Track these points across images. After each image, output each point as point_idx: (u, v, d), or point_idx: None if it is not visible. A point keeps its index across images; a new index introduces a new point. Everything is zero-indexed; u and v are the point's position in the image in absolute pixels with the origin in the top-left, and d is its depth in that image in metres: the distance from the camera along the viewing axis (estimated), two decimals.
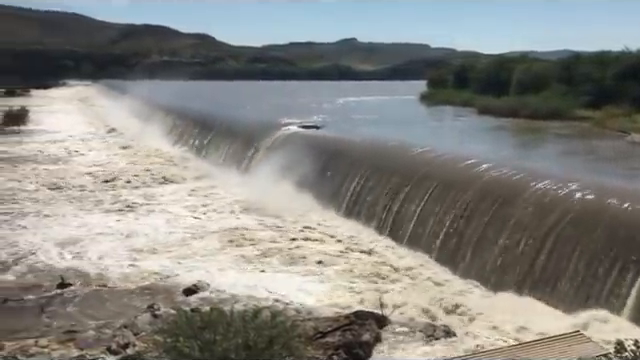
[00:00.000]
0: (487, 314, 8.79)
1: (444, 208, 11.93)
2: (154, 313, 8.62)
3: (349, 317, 8.03)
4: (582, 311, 8.38)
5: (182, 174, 21.19)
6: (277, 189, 16.56)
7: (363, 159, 16.04)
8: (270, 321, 5.74)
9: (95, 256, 11.77)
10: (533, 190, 10.70)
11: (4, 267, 10.99)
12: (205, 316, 5.75)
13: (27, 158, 24.87)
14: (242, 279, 10.50)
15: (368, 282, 10.41)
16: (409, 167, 14.06)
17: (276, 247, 12.46)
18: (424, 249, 11.77)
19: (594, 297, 8.58)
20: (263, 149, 20.87)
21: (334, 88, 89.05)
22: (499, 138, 24.63)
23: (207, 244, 12.71)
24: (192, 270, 10.96)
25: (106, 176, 20.62)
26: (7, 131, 34.04)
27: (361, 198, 14.70)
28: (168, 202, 16.96)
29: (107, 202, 16.89)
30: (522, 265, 9.77)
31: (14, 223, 14.24)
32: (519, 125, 28.50)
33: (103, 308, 9.09)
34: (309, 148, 18.54)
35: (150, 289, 10.00)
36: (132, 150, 27.60)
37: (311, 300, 9.48)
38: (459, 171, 12.79)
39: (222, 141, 24.39)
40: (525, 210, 10.34)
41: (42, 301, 9.30)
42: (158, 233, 13.52)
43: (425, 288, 10.09)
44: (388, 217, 13.36)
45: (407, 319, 8.57)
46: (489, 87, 40.20)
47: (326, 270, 11.05)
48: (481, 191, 11.53)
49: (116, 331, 7.97)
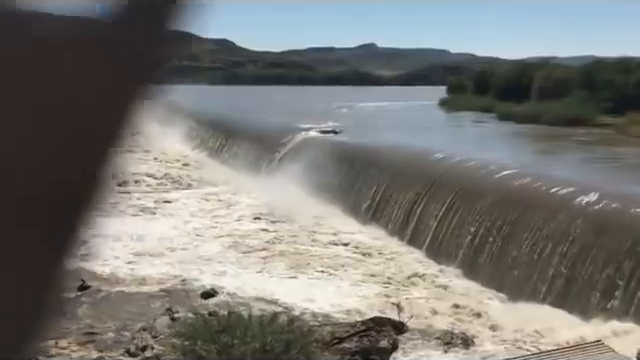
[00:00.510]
0: (506, 322, 8.69)
1: (464, 215, 11.80)
2: (172, 316, 8.67)
3: (366, 323, 8.00)
4: (604, 321, 8.26)
5: (200, 178, 21.30)
6: (295, 194, 16.56)
7: (383, 164, 15.97)
8: (287, 326, 5.75)
9: (114, 259, 11.86)
10: (554, 197, 10.55)
11: None
12: (223, 320, 5.79)
13: None
14: (257, 282, 10.52)
15: (386, 288, 10.36)
16: (430, 173, 13.93)
17: (294, 251, 12.46)
18: (444, 256, 11.68)
19: (616, 306, 8.45)
20: (281, 154, 20.91)
21: (352, 93, 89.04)
22: (520, 145, 24.39)
23: (225, 248, 12.75)
24: (210, 274, 10.99)
25: (124, 179, 20.78)
26: None
27: (381, 204, 14.59)
28: (186, 206, 17.05)
29: (124, 205, 17.01)
30: (543, 273, 9.64)
31: None
32: (540, 131, 28.22)
33: (122, 311, 9.16)
34: (328, 153, 18.54)
35: (168, 292, 10.06)
36: (151, 154, 27.79)
37: (328, 305, 9.45)
38: (480, 178, 12.65)
39: (241, 145, 24.48)
40: (547, 218, 10.20)
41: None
42: (178, 237, 13.60)
43: (443, 295, 10.02)
44: (408, 223, 13.26)
45: (425, 326, 8.52)
46: (509, 93, 39.84)
47: (344, 275, 11.02)
48: (503, 198, 11.37)
49: (135, 334, 8.03)
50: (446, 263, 11.55)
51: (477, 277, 10.72)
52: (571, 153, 21.38)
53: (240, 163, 23.11)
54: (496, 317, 8.93)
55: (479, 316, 8.98)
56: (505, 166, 12.89)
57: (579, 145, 23.00)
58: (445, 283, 10.64)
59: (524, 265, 10.03)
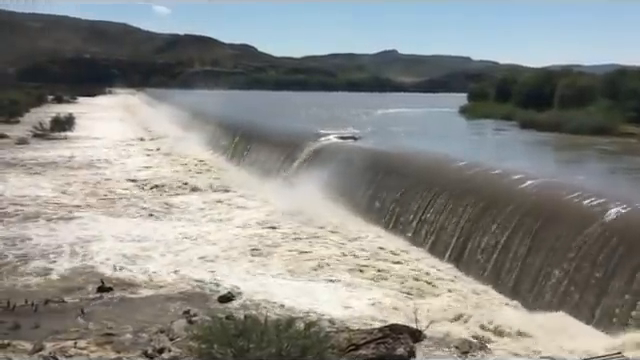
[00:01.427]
0: (525, 332, 8.58)
1: (488, 224, 11.67)
2: (190, 319, 8.71)
3: (383, 330, 7.94)
4: (623, 332, 8.13)
5: (219, 182, 21.45)
6: (314, 199, 16.60)
7: (403, 171, 15.92)
8: (304, 331, 5.74)
9: (134, 261, 11.97)
10: (580, 208, 10.36)
11: (45, 269, 11.28)
12: (239, 324, 5.80)
13: (69, 162, 25.55)
14: (275, 286, 10.53)
15: (404, 295, 10.30)
16: (452, 181, 13.81)
17: (313, 257, 12.44)
18: (466, 264, 11.57)
19: (637, 318, 8.31)
20: (300, 159, 20.98)
21: (373, 99, 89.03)
22: (543, 153, 24.16)
23: (242, 252, 12.78)
24: (228, 278, 11.03)
25: (147, 183, 21.01)
26: (54, 136, 35.15)
27: (402, 211, 14.49)
28: (205, 210, 17.16)
29: (147, 208, 17.20)
30: (563, 284, 9.51)
31: (59, 225, 14.62)
32: (563, 140, 27.93)
33: (140, 312, 9.23)
34: (347, 159, 18.55)
35: (187, 295, 10.12)
36: (172, 157, 28.10)
37: (345, 312, 9.42)
38: (503, 187, 12.50)
39: (260, 150, 24.62)
40: (573, 229, 10.02)
41: (82, 303, 9.50)
42: (198, 241, 13.68)
43: (462, 303, 9.92)
44: (428, 231, 13.14)
45: (442, 334, 8.45)
46: (531, 101, 39.52)
47: (360, 281, 10.98)
48: (527, 208, 11.23)
49: (152, 335, 8.08)
50: (466, 271, 11.46)
51: (499, 286, 10.60)
52: (596, 162, 21.11)
53: (258, 168, 23.24)
54: (516, 327, 8.81)
55: (498, 325, 8.87)
56: (529, 175, 12.66)
57: (603, 154, 22.70)
58: (464, 291, 10.55)
59: (549, 276, 9.87)
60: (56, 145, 31.94)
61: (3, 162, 25.19)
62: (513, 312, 9.55)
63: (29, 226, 14.49)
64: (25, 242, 13.06)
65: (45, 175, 22.30)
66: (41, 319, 8.72)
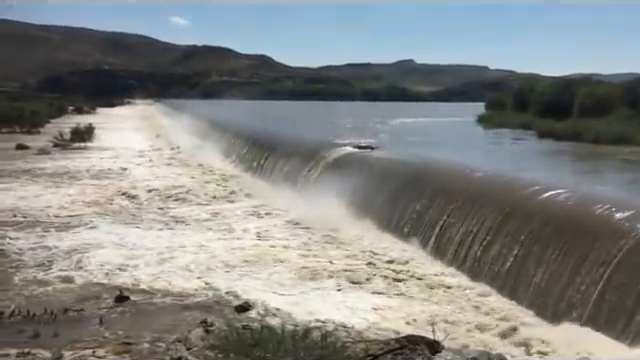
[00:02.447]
0: (545, 344, 8.47)
1: (508, 236, 11.49)
2: (206, 329, 8.72)
3: (400, 341, 7.88)
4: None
5: (237, 191, 21.54)
6: (330, 208, 16.60)
7: (421, 181, 15.82)
8: (320, 341, 5.71)
9: (151, 270, 12.04)
10: (608, 220, 10.16)
11: (64, 277, 11.39)
12: (256, 333, 5.79)
13: (88, 172, 25.84)
14: (293, 297, 10.52)
15: (422, 306, 10.22)
16: (471, 192, 13.65)
17: (331, 269, 12.42)
18: (485, 276, 11.39)
19: None
20: (317, 169, 21.00)
21: (389, 109, 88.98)
22: (564, 163, 23.92)
23: (264, 262, 12.80)
24: (247, 288, 11.04)
25: (165, 192, 21.16)
26: (74, 147, 35.60)
27: (420, 221, 14.31)
28: (224, 219, 17.22)
29: (164, 218, 17.32)
30: (588, 296, 9.30)
31: (79, 234, 14.77)
32: (583, 149, 27.64)
33: (158, 322, 9.27)
34: (364, 169, 18.54)
35: (204, 305, 10.14)
36: (190, 167, 28.30)
37: (362, 322, 9.38)
38: (525, 198, 12.22)
39: (277, 160, 24.69)
40: (598, 241, 9.83)
41: (101, 312, 9.56)
42: (215, 250, 13.72)
43: (481, 315, 9.82)
44: (447, 242, 12.94)
45: (460, 345, 8.37)
46: (549, 110, 39.22)
47: (377, 290, 10.93)
48: (550, 220, 11.01)
49: (169, 345, 8.10)
50: (486, 282, 11.28)
51: (518, 299, 10.41)
52: (618, 172, 20.77)
53: (275, 177, 23.31)
54: (536, 338, 8.70)
55: (518, 338, 8.76)
56: (551, 185, 12.42)
57: (625, 164, 22.37)
58: (484, 304, 10.41)
59: (571, 288, 9.69)
60: (76, 155, 32.34)
61: (23, 171, 25.55)
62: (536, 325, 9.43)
63: (47, 235, 14.65)
64: (45, 250, 13.21)
65: (64, 184, 22.56)
66: (60, 328, 8.79)
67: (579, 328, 8.95)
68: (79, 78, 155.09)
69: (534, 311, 9.88)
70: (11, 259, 12.58)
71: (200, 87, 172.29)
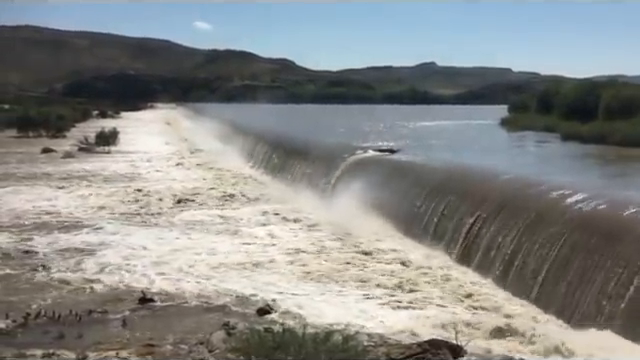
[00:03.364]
0: (568, 349, 8.34)
1: (535, 240, 11.21)
2: (228, 331, 8.75)
3: (422, 345, 7.83)
4: None
5: (259, 195, 21.61)
6: (352, 212, 16.58)
7: (443, 184, 15.67)
8: (342, 344, 5.71)
9: (174, 273, 12.13)
10: None
11: (87, 280, 11.53)
12: (277, 336, 5.80)
13: (113, 176, 26.16)
14: (316, 299, 10.52)
15: (444, 311, 10.14)
16: (497, 196, 13.34)
17: (351, 268, 12.41)
18: (512, 283, 11.12)
19: None
20: (338, 172, 21.00)
21: (411, 112, 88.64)
22: (591, 166, 23.48)
23: (285, 265, 12.83)
24: (267, 291, 11.06)
25: (186, 195, 21.31)
26: (98, 150, 36.09)
27: (443, 225, 14.07)
28: (245, 222, 17.29)
29: (185, 220, 17.43)
30: (614, 301, 9.11)
31: (100, 238, 14.94)
32: (609, 152, 27.14)
33: (180, 324, 9.33)
34: (384, 172, 18.47)
35: (225, 307, 10.19)
36: (212, 171, 28.47)
37: (383, 326, 9.33)
38: (552, 202, 11.79)
39: (298, 163, 24.74)
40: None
41: (125, 314, 9.66)
42: (237, 253, 13.77)
43: (505, 320, 9.68)
44: (473, 248, 12.66)
45: (483, 350, 8.28)
46: (574, 112, 38.71)
47: (400, 295, 10.88)
48: (578, 224, 10.69)
49: (192, 347, 8.15)
50: (513, 291, 10.99)
51: (545, 305, 10.21)
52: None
53: (297, 181, 23.35)
54: (559, 342, 8.57)
55: (537, 340, 8.64)
56: (578, 189, 12.05)
57: None
58: (509, 310, 10.25)
59: (597, 293, 9.49)
60: (100, 159, 32.78)
61: (48, 174, 25.98)
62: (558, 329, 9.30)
63: (65, 235, 14.86)
64: (70, 251, 13.40)
65: (89, 187, 22.84)
66: (84, 329, 8.91)
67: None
68: (104, 83, 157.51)
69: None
70: (37, 261, 12.77)
71: (222, 91, 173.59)
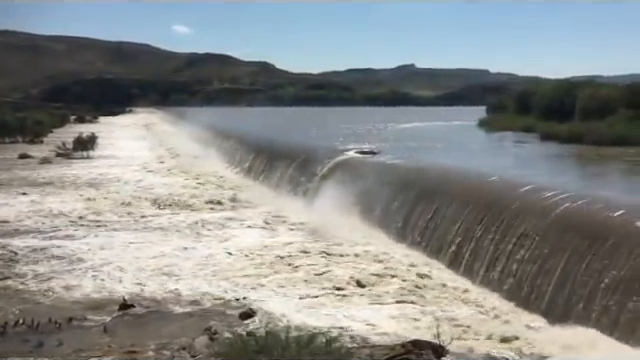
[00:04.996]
0: (551, 348, 8.42)
1: (522, 242, 11.20)
2: (211, 336, 8.70)
3: (405, 346, 7.86)
4: None
5: (239, 198, 21.49)
6: (334, 214, 16.57)
7: (426, 186, 15.76)
8: (325, 347, 5.70)
9: (154, 278, 12.02)
10: None
11: (68, 286, 11.38)
12: (260, 340, 5.78)
13: (91, 181, 25.86)
14: (296, 303, 10.49)
15: (428, 313, 10.18)
16: (484, 197, 13.38)
17: (337, 277, 12.40)
18: (493, 283, 11.23)
19: None
20: (320, 175, 21.00)
21: (391, 114, 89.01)
22: (572, 167, 23.70)
23: (267, 269, 12.78)
24: (250, 295, 11.02)
25: (167, 200, 21.14)
26: (76, 156, 35.67)
27: (429, 227, 14.09)
28: (229, 226, 17.21)
29: (165, 225, 17.30)
30: (597, 300, 9.19)
31: (82, 243, 14.76)
32: (588, 152, 27.42)
33: (162, 330, 9.25)
34: (367, 174, 18.51)
35: (208, 312, 10.13)
36: (191, 175, 28.25)
37: (367, 327, 9.35)
38: (540, 203, 11.76)
39: (279, 166, 24.68)
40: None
41: (105, 321, 9.55)
42: (219, 257, 13.70)
43: (487, 321, 9.75)
44: (459, 250, 12.63)
45: (466, 350, 8.33)
46: (552, 113, 39.15)
47: (382, 297, 10.91)
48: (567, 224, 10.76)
49: (174, 352, 8.09)
50: (498, 291, 11.07)
51: (530, 307, 10.28)
52: (628, 175, 20.33)
53: (278, 184, 23.30)
54: (542, 341, 8.66)
55: (520, 339, 8.73)
56: (564, 190, 12.11)
57: (634, 166, 22.00)
58: (494, 311, 10.26)
59: (586, 293, 9.54)
60: (79, 164, 32.39)
61: (27, 181, 25.60)
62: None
63: (43, 242, 14.66)
64: (50, 260, 13.21)
65: (66, 193, 22.56)
66: (64, 337, 8.79)
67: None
68: (82, 87, 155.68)
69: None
70: (17, 269, 12.57)
71: (201, 94, 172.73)
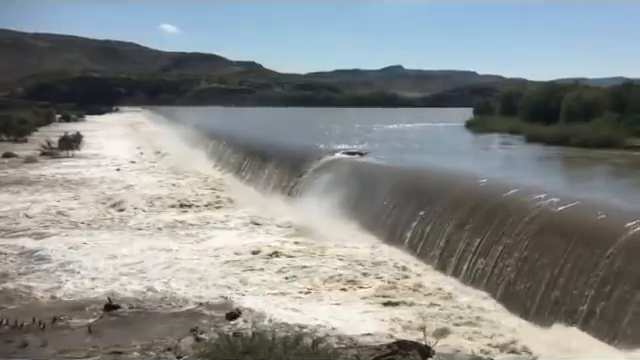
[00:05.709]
0: (541, 350, 8.48)
1: (510, 242, 11.29)
2: (197, 336, 8.66)
3: (392, 346, 7.87)
4: None
5: (227, 198, 21.42)
6: (321, 215, 16.58)
7: (412, 186, 15.80)
8: (311, 348, 5.70)
9: (139, 278, 11.96)
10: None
11: (52, 287, 11.28)
12: (247, 341, 5.76)
13: (77, 180, 25.65)
14: (281, 302, 10.48)
15: (415, 313, 10.21)
16: (471, 199, 13.38)
17: (324, 275, 12.40)
18: (484, 284, 11.25)
19: None
20: (306, 175, 21.00)
21: (379, 115, 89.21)
22: (559, 169, 23.86)
23: (256, 268, 12.75)
24: (237, 296, 10.99)
25: (155, 200, 21.01)
26: (61, 155, 35.34)
27: (417, 229, 14.09)
28: (215, 227, 17.15)
29: (153, 225, 17.20)
30: (583, 301, 9.27)
31: (69, 243, 14.64)
32: (573, 154, 27.62)
33: (148, 330, 9.19)
34: (354, 175, 18.54)
35: (194, 313, 10.09)
36: (178, 174, 28.11)
37: (354, 328, 9.35)
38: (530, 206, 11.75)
39: (266, 167, 24.63)
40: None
41: (90, 321, 9.48)
42: (206, 258, 13.63)
43: (474, 321, 9.79)
44: (449, 252, 12.63)
45: (452, 350, 8.36)
46: (537, 114, 39.48)
47: (367, 299, 10.92)
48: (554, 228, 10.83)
49: (160, 353, 8.04)
50: (486, 290, 11.12)
51: (515, 308, 10.33)
52: (613, 177, 20.48)
53: (265, 185, 23.25)
54: (531, 343, 8.72)
55: (508, 339, 8.78)
56: (553, 194, 12.15)
57: (618, 168, 22.15)
58: (480, 313, 10.29)
59: (570, 293, 9.60)
60: (64, 163, 32.11)
61: (11, 180, 25.35)
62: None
63: (22, 242, 14.53)
64: (39, 262, 13.08)
65: (52, 192, 22.37)
66: (48, 337, 8.70)
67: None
68: (68, 86, 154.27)
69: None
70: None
71: (189, 94, 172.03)
